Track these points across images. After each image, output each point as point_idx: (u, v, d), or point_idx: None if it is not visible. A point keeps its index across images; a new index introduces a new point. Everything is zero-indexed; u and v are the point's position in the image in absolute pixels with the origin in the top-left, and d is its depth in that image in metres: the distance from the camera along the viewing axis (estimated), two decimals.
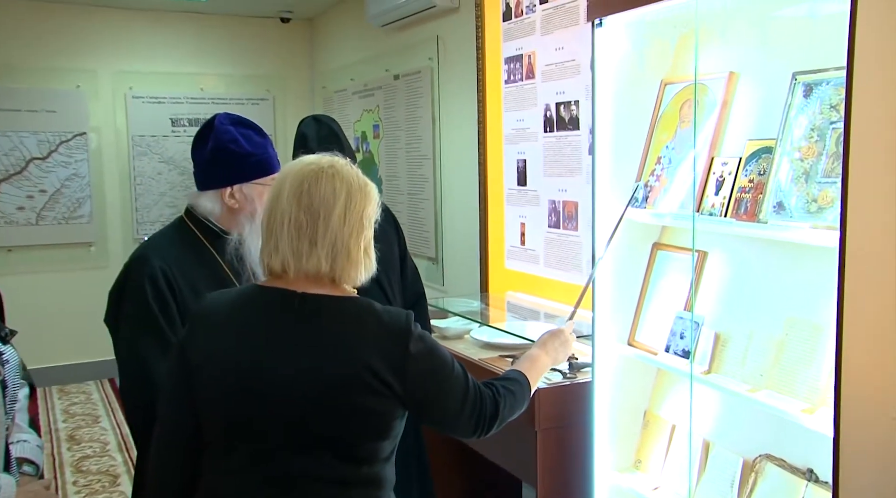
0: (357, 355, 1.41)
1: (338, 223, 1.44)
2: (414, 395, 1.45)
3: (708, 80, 2.06)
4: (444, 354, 1.52)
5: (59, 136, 5.70)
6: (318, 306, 1.45)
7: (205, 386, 1.46)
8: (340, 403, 1.40)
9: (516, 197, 3.54)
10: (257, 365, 1.42)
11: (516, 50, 3.44)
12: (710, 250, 2.09)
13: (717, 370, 1.98)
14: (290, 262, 1.44)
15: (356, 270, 1.47)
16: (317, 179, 1.45)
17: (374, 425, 1.44)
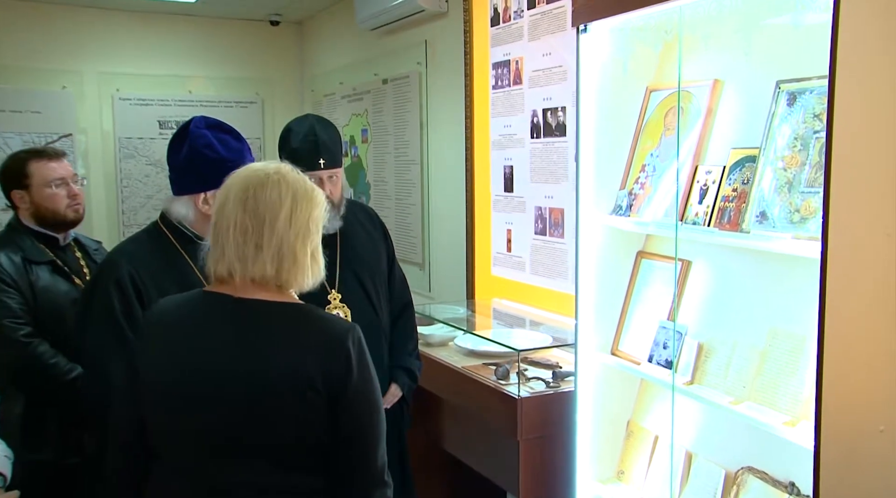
0: (293, 363, 1.39)
1: (283, 227, 1.42)
2: (343, 410, 1.41)
3: (693, 88, 2.04)
4: (375, 383, 1.48)
5: (44, 138, 5.62)
6: (257, 312, 1.43)
7: (148, 392, 1.45)
8: (274, 411, 1.38)
9: (503, 203, 3.52)
10: (195, 371, 1.41)
11: (504, 55, 3.42)
12: (694, 259, 2.07)
13: (700, 381, 1.96)
14: (236, 267, 1.43)
15: (302, 274, 1.45)
16: (262, 185, 1.44)
17: (311, 435, 1.40)
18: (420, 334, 3.15)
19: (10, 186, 2.35)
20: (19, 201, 2.35)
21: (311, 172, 2.43)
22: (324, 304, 2.49)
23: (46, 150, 2.39)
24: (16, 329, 2.22)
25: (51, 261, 2.35)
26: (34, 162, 2.34)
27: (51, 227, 2.37)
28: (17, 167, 2.34)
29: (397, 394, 2.60)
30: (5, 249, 2.28)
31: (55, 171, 2.35)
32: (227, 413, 1.38)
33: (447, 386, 2.89)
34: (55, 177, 2.35)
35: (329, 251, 2.54)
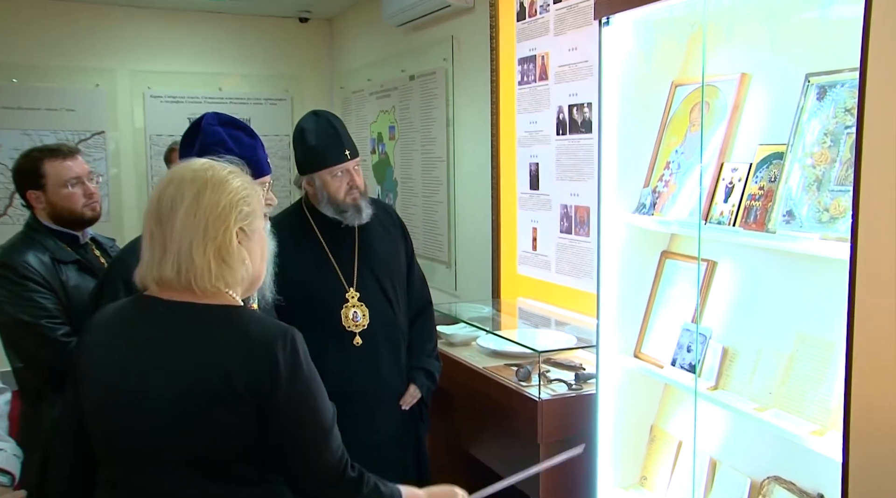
0: (215, 368, 1.31)
1: (181, 227, 1.35)
2: (270, 420, 1.33)
3: (719, 82, 1.97)
4: (318, 385, 1.40)
5: (77, 135, 5.71)
6: (179, 314, 1.37)
7: (85, 399, 1.40)
8: (197, 420, 1.31)
9: (528, 201, 3.46)
10: (122, 378, 1.36)
11: (530, 50, 3.36)
12: (720, 260, 2.00)
13: (725, 386, 1.89)
14: (146, 273, 1.38)
15: (205, 276, 1.35)
16: (168, 185, 1.38)
17: (240, 445, 1.33)
18: (442, 334, 3.12)
19: (26, 187, 2.34)
20: (35, 201, 2.34)
21: (339, 166, 2.42)
22: (342, 302, 2.47)
23: (61, 148, 2.38)
24: (54, 329, 2.21)
25: (76, 260, 2.34)
26: (49, 161, 2.32)
27: (68, 226, 2.37)
28: (31, 167, 2.33)
29: (416, 395, 2.56)
30: (32, 250, 2.26)
31: (71, 170, 2.34)
32: (153, 421, 1.32)
33: (468, 387, 2.85)
34: (71, 176, 2.34)
35: (347, 249, 2.55)
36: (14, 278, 2.19)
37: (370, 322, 2.48)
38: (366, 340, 2.46)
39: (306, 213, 2.54)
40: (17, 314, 2.18)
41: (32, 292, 2.19)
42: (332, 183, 2.43)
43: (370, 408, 2.44)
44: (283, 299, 2.11)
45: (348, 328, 2.45)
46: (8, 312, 2.19)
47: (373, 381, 2.47)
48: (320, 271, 2.47)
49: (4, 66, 5.44)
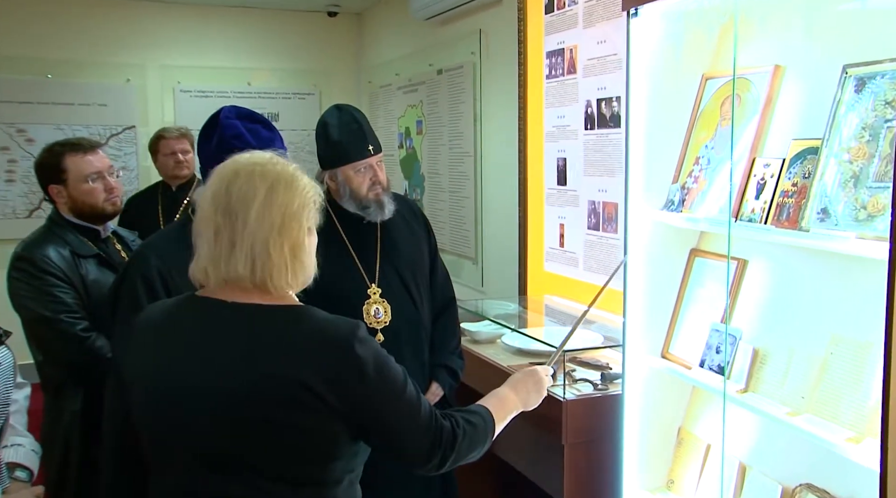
0: (285, 369, 1.28)
1: (255, 223, 1.31)
2: (357, 412, 1.31)
3: (751, 75, 1.90)
4: (395, 369, 1.38)
5: (109, 130, 5.76)
6: (244, 316, 1.33)
7: (136, 404, 1.38)
8: (267, 422, 1.27)
9: (556, 197, 3.41)
10: (180, 382, 1.32)
11: (558, 44, 3.30)
12: (751, 259, 1.94)
13: (755, 389, 1.82)
14: (210, 270, 1.33)
15: (279, 273, 1.33)
16: (235, 177, 1.34)
17: (310, 445, 1.31)
18: (467, 331, 3.08)
19: (47, 181, 2.35)
20: (56, 196, 2.35)
21: (362, 161, 2.39)
22: (364, 298, 2.44)
23: (82, 143, 2.38)
24: (73, 324, 2.21)
25: (96, 254, 2.34)
26: (70, 156, 2.32)
27: (89, 221, 2.37)
28: (53, 161, 2.33)
29: (438, 393, 2.52)
30: (52, 244, 2.27)
31: (92, 165, 2.34)
32: (217, 425, 1.29)
33: (492, 385, 2.76)
34: (92, 171, 2.34)
35: (369, 245, 2.52)
36: (34, 272, 2.20)
37: (392, 319, 2.44)
38: (388, 337, 2.43)
39: (328, 208, 2.51)
40: (37, 309, 2.19)
41: (52, 287, 2.20)
42: (355, 178, 2.40)
43: None
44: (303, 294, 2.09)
45: (370, 325, 2.41)
46: (29, 306, 2.20)
47: None
48: (342, 267, 2.45)
49: (39, 62, 5.50)
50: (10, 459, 1.71)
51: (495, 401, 1.62)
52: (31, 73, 5.52)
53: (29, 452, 1.76)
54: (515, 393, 1.68)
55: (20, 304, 2.22)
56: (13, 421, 1.77)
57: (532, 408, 1.73)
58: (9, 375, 1.69)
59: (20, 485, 1.71)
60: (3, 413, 1.69)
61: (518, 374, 1.74)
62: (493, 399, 1.62)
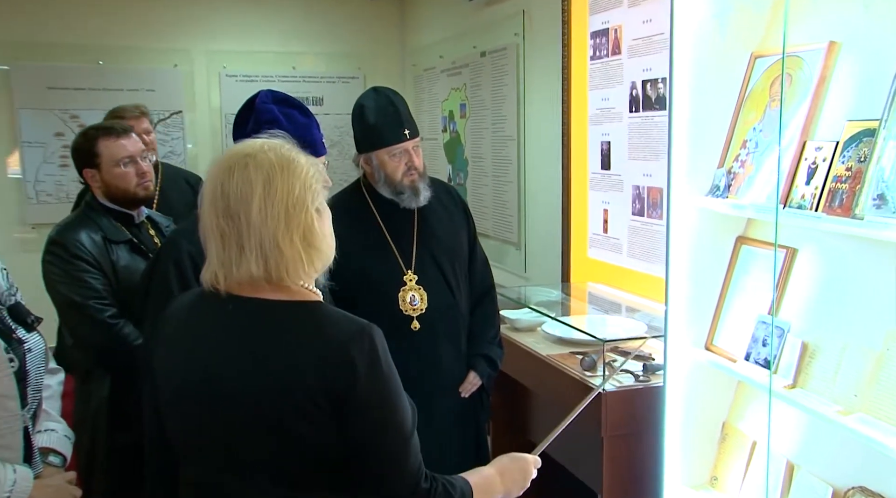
0: (289, 372, 1.22)
1: (259, 219, 1.25)
2: (346, 428, 1.24)
3: (803, 52, 1.80)
4: (396, 393, 1.30)
5: (157, 115, 5.79)
6: (252, 312, 1.28)
7: (160, 399, 1.36)
8: (270, 425, 1.23)
9: (599, 182, 3.32)
10: (191, 378, 1.29)
11: (602, 24, 3.20)
12: (801, 247, 1.84)
13: (803, 385, 1.73)
14: (220, 274, 1.28)
15: (296, 266, 1.27)
16: (229, 175, 1.27)
17: (315, 451, 1.25)
18: (507, 319, 3.02)
19: (82, 165, 2.36)
20: (91, 180, 2.35)
21: (397, 145, 2.34)
22: (399, 285, 2.40)
23: (115, 127, 2.37)
24: (101, 310, 2.22)
25: (129, 239, 2.35)
26: (103, 140, 2.32)
27: (123, 205, 2.37)
28: (87, 146, 2.34)
29: (475, 383, 2.48)
30: (86, 229, 2.28)
31: (124, 149, 2.34)
32: (225, 425, 1.26)
33: (532, 374, 2.75)
34: (124, 155, 2.34)
35: (406, 231, 2.48)
36: (66, 257, 2.21)
37: (428, 306, 2.40)
38: (424, 325, 2.39)
39: (364, 192, 2.47)
40: (67, 293, 2.20)
41: (83, 272, 2.21)
42: (390, 163, 2.36)
43: (428, 395, 2.34)
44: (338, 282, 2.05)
45: (406, 312, 2.38)
46: (60, 290, 2.22)
47: (431, 367, 2.40)
48: (377, 253, 2.41)
49: (92, 49, 5.57)
50: (44, 444, 1.72)
51: (480, 480, 1.48)
52: (83, 61, 5.59)
53: (62, 437, 1.76)
54: (501, 480, 1.54)
55: (52, 287, 2.24)
56: (47, 406, 1.77)
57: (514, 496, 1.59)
58: (41, 360, 1.69)
59: (53, 470, 1.72)
60: (36, 398, 1.69)
61: (506, 458, 1.60)
62: (477, 477, 1.48)
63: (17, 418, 1.57)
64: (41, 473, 1.67)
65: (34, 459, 1.65)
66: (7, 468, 1.55)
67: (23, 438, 1.61)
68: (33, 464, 1.64)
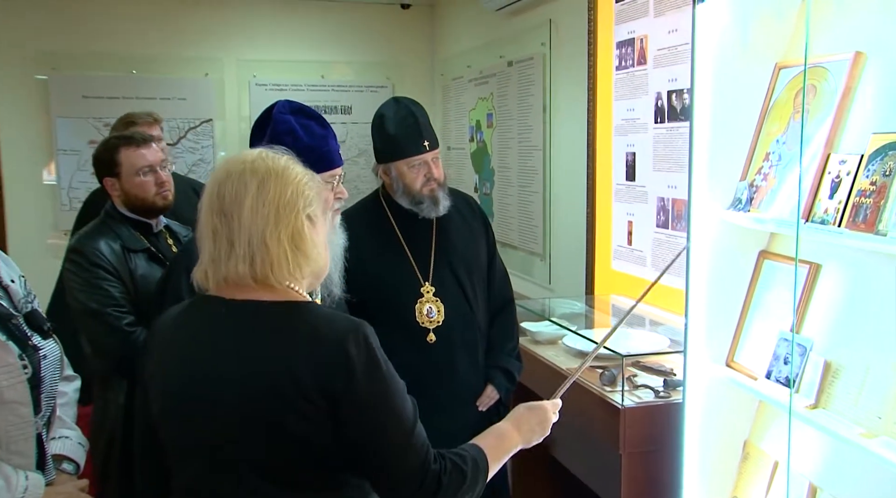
0: (282, 370, 1.24)
1: (249, 217, 1.29)
2: (344, 425, 1.25)
3: (828, 63, 1.75)
4: (395, 387, 1.31)
5: (187, 123, 5.88)
6: (244, 314, 1.30)
7: (154, 405, 1.37)
8: (264, 424, 1.24)
9: (624, 193, 3.27)
10: (185, 384, 1.31)
11: (628, 33, 3.16)
12: (824, 263, 1.79)
13: (825, 405, 1.68)
14: (209, 271, 1.31)
15: (279, 265, 1.29)
16: (227, 178, 1.32)
17: (306, 451, 1.26)
18: (528, 331, 2.99)
19: (102, 174, 2.38)
20: (111, 188, 2.37)
21: (416, 157, 2.33)
22: (416, 297, 2.38)
23: (135, 136, 2.39)
24: (119, 318, 2.24)
25: (147, 248, 2.36)
26: (124, 149, 2.34)
27: (142, 214, 2.39)
28: (107, 155, 2.36)
29: (493, 396, 2.45)
30: (104, 238, 2.30)
31: (144, 158, 2.35)
32: (217, 426, 1.28)
33: (551, 388, 2.69)
34: (143, 165, 2.35)
35: (424, 242, 2.46)
36: (85, 265, 2.23)
37: (445, 318, 2.38)
38: (440, 338, 2.37)
39: (383, 203, 2.46)
40: (86, 301, 2.22)
41: (101, 280, 2.23)
42: (409, 173, 2.35)
43: (444, 408, 2.33)
44: (354, 293, 2.04)
45: (422, 324, 2.36)
46: (80, 298, 2.23)
47: (447, 380, 2.38)
48: (394, 264, 2.40)
49: (125, 59, 5.65)
50: (57, 451, 1.73)
51: (493, 439, 1.50)
52: (117, 70, 5.68)
53: (75, 444, 1.77)
54: (518, 430, 1.56)
55: (71, 295, 2.26)
56: (61, 413, 1.78)
57: (534, 444, 1.61)
58: (56, 367, 1.70)
59: (66, 477, 1.72)
60: (50, 405, 1.70)
61: (522, 407, 1.62)
62: (491, 437, 1.51)
63: (31, 425, 1.58)
64: (54, 480, 1.68)
65: (47, 466, 1.66)
66: (19, 475, 1.56)
67: (36, 445, 1.62)
68: (46, 471, 1.65)
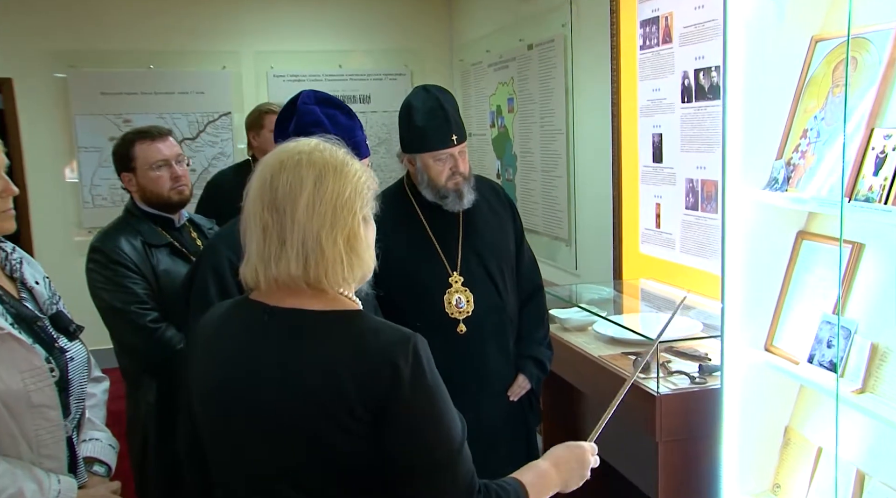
0: (328, 382, 1.17)
1: (305, 216, 1.21)
2: (394, 436, 1.19)
3: (870, 34, 1.68)
4: (444, 398, 1.24)
5: (206, 117, 5.87)
6: (288, 323, 1.23)
7: (196, 411, 1.33)
8: (305, 438, 1.19)
9: (651, 175, 3.21)
10: (225, 391, 1.25)
11: (652, 11, 3.09)
12: (868, 242, 1.72)
13: (873, 390, 1.62)
14: (259, 269, 1.24)
15: (335, 269, 1.22)
16: (280, 170, 1.24)
17: (358, 467, 1.20)
18: (556, 318, 2.95)
19: (120, 169, 2.36)
20: (128, 184, 2.35)
21: (444, 150, 2.29)
22: (445, 287, 2.34)
23: (150, 131, 2.36)
24: (143, 315, 2.22)
25: (169, 243, 2.34)
26: (139, 143, 2.32)
27: (160, 209, 2.36)
28: (124, 150, 2.34)
29: (524, 386, 2.41)
30: (125, 234, 2.28)
31: (159, 152, 2.32)
32: (258, 439, 1.22)
33: (583, 376, 2.67)
34: (158, 159, 2.32)
35: (451, 231, 2.42)
36: (107, 263, 2.22)
37: (475, 308, 2.34)
38: (470, 328, 2.33)
39: (408, 191, 2.42)
40: (109, 300, 2.21)
41: (123, 278, 2.21)
42: (434, 166, 2.30)
43: (475, 399, 2.29)
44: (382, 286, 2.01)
45: (451, 315, 2.32)
46: (102, 297, 2.22)
47: (478, 371, 2.34)
48: (422, 254, 2.36)
49: (143, 54, 5.65)
50: (88, 454, 1.71)
51: (533, 477, 1.40)
52: (135, 66, 5.68)
53: (106, 446, 1.75)
54: (557, 471, 1.46)
55: (95, 294, 2.25)
56: (91, 415, 1.77)
57: (571, 489, 1.51)
58: (83, 369, 1.68)
59: (98, 480, 1.71)
60: (80, 407, 1.69)
61: (560, 448, 1.52)
62: (531, 475, 1.41)
63: (60, 428, 1.56)
64: (86, 483, 1.66)
65: (78, 469, 1.64)
66: (51, 478, 1.54)
67: (67, 448, 1.60)
68: (78, 474, 1.63)
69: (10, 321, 1.56)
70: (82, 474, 1.66)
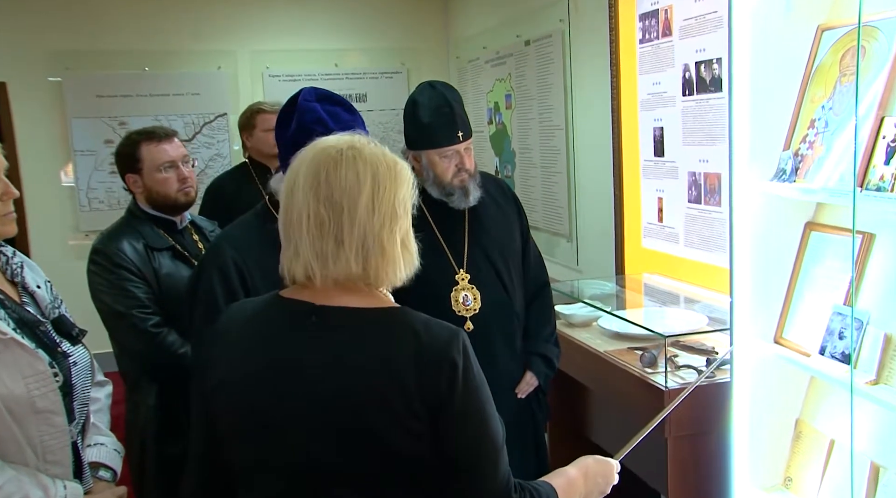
0: (386, 384, 1.17)
1: (365, 215, 1.20)
2: (441, 431, 1.19)
3: (879, 21, 1.67)
4: (488, 393, 1.27)
5: (202, 118, 5.84)
6: (339, 322, 1.22)
7: (219, 416, 1.29)
8: (362, 439, 1.17)
9: (653, 169, 3.20)
10: (264, 394, 1.22)
11: (651, 5, 3.07)
12: (879, 232, 1.71)
13: (887, 381, 1.61)
14: (315, 267, 1.21)
15: (394, 268, 1.23)
16: (336, 165, 1.22)
17: (410, 463, 1.19)
18: (561, 314, 2.93)
19: (125, 170, 2.33)
20: (133, 185, 2.32)
21: (449, 147, 2.27)
22: (451, 285, 2.32)
23: (156, 131, 2.34)
24: (144, 319, 2.20)
25: (171, 246, 2.31)
26: (145, 144, 2.29)
27: (165, 211, 2.34)
28: (129, 151, 2.31)
29: (532, 383, 2.39)
30: (127, 237, 2.25)
31: (166, 154, 2.30)
32: (306, 441, 1.20)
33: (590, 372, 2.65)
34: (165, 160, 2.30)
35: (457, 228, 2.40)
36: (108, 266, 2.19)
37: (482, 306, 2.32)
38: (478, 326, 2.31)
39: None
40: (111, 303, 2.19)
41: (125, 281, 2.19)
42: (440, 163, 2.28)
43: None
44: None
45: (459, 313, 2.30)
46: (104, 300, 2.20)
47: (486, 368, 2.26)
48: (428, 251, 2.26)
49: (137, 55, 5.62)
50: (93, 459, 1.69)
51: (564, 483, 1.42)
52: (129, 68, 5.65)
53: (111, 451, 1.73)
54: (584, 481, 1.47)
55: (96, 297, 2.23)
56: (95, 420, 1.74)
57: None
58: (86, 374, 1.66)
59: (104, 485, 1.69)
60: (84, 412, 1.66)
61: (590, 459, 1.53)
62: (562, 480, 1.42)
63: (65, 433, 1.54)
64: (91, 488, 1.64)
65: (84, 475, 1.62)
66: (57, 484, 1.52)
67: (72, 453, 1.58)
68: (83, 479, 1.62)
69: (13, 326, 1.54)
70: (88, 480, 1.64)
